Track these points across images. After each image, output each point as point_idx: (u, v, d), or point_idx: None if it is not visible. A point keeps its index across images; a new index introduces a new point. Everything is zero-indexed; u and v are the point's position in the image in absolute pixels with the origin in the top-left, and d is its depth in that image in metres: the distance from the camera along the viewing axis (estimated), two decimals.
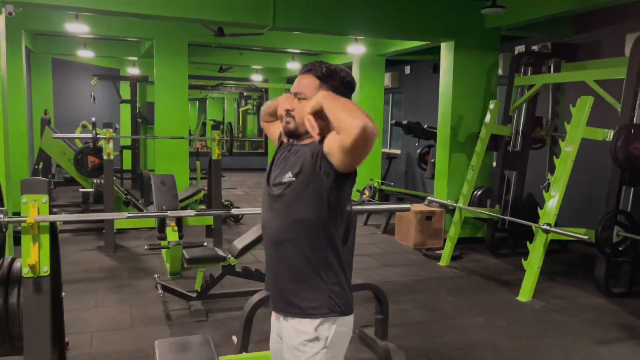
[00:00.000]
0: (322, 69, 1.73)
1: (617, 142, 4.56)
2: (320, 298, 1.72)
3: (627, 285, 4.85)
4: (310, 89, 1.71)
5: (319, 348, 1.71)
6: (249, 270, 4.48)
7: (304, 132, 1.74)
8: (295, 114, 1.74)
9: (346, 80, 1.75)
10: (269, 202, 1.80)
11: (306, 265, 1.71)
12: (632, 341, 3.87)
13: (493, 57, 6.65)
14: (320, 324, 1.71)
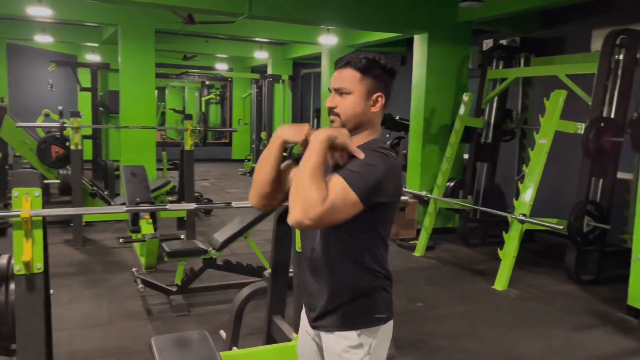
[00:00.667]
0: (362, 61, 1.64)
1: (589, 135, 4.72)
2: (364, 308, 1.69)
3: (596, 273, 5.05)
4: (353, 83, 1.64)
5: (362, 354, 1.68)
6: (231, 264, 4.42)
7: (351, 128, 1.66)
8: (340, 111, 1.66)
9: (388, 68, 1.68)
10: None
11: (351, 275, 1.67)
12: (605, 327, 4.04)
13: (465, 50, 6.74)
14: (363, 331, 1.68)
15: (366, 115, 1.67)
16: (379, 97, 1.67)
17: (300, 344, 1.94)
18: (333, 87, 1.69)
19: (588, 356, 3.54)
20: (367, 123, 1.69)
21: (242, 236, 4.40)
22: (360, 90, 1.65)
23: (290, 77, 12.42)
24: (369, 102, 1.66)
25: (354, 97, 1.65)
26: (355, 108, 1.65)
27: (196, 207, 2.27)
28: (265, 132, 12.27)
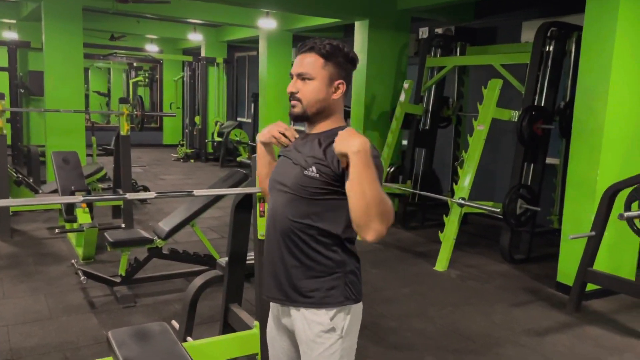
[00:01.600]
0: (325, 47, 1.65)
1: (523, 122, 4.97)
2: (336, 287, 1.69)
3: (527, 252, 5.37)
4: (316, 68, 1.65)
5: (335, 338, 1.69)
6: (177, 252, 4.32)
7: (312, 114, 1.69)
8: (302, 96, 1.67)
9: (350, 57, 1.70)
10: (280, 190, 1.73)
11: (324, 255, 1.68)
12: (539, 302, 4.32)
13: (404, 37, 6.88)
14: (335, 314, 1.69)
15: (327, 101, 1.69)
16: (340, 84, 1.69)
17: (269, 329, 1.94)
18: (295, 72, 1.69)
19: (527, 330, 3.77)
20: (329, 109, 1.71)
21: (189, 224, 4.31)
22: (323, 76, 1.66)
23: (225, 60, 12.16)
24: (331, 89, 1.68)
25: (316, 83, 1.66)
26: (317, 94, 1.67)
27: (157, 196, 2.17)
28: (200, 117, 11.99)
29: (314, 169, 1.65)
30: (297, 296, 1.72)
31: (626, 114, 4.22)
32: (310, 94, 1.66)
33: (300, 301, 1.72)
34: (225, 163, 11.35)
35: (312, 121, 1.72)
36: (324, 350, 1.70)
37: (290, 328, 1.82)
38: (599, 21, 4.14)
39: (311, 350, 1.71)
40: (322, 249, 1.68)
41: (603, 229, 3.95)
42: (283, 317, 1.83)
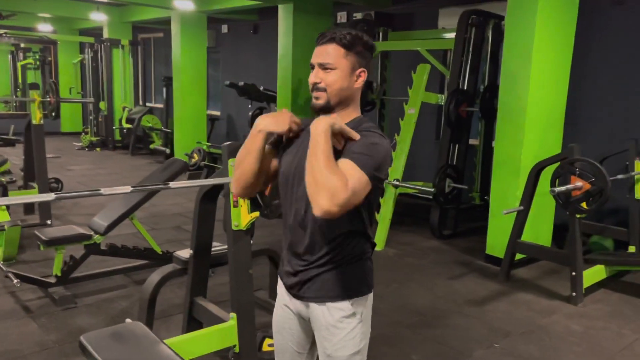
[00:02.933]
0: (346, 37, 1.64)
1: (450, 105, 5.25)
2: (356, 277, 1.72)
3: (453, 228, 5.71)
4: (338, 58, 1.64)
5: (356, 322, 1.72)
6: (117, 248, 4.11)
7: (335, 104, 1.67)
8: (326, 85, 1.65)
9: (369, 45, 1.70)
10: (297, 185, 1.70)
11: (349, 244, 1.70)
12: (473, 274, 4.63)
13: (327, 22, 6.94)
14: (355, 300, 1.72)
15: (350, 90, 1.69)
16: (362, 73, 1.70)
17: (279, 318, 1.93)
18: (317, 62, 1.67)
19: (468, 301, 4.04)
20: (350, 99, 1.71)
21: (128, 218, 4.11)
22: (345, 66, 1.66)
23: (131, 41, 11.51)
24: (353, 78, 1.68)
25: (339, 72, 1.65)
26: (341, 83, 1.66)
27: (133, 190, 2.05)
28: (105, 102, 11.29)
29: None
30: (319, 292, 1.73)
31: (545, 96, 4.60)
32: (334, 84, 1.65)
33: (323, 295, 1.73)
34: (136, 151, 10.84)
35: (333, 111, 1.69)
36: (346, 334, 1.73)
37: (304, 315, 1.82)
38: (520, 10, 4.45)
39: (332, 335, 1.73)
40: (343, 241, 1.70)
41: (530, 204, 4.31)
42: (297, 307, 1.82)
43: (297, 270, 1.75)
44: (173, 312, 3.64)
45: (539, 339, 3.47)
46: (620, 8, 5.37)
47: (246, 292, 2.62)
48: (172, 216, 6.14)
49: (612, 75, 5.48)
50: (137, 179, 8.29)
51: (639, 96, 5.29)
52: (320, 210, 1.46)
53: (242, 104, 9.67)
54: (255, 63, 9.92)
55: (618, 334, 3.57)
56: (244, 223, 2.52)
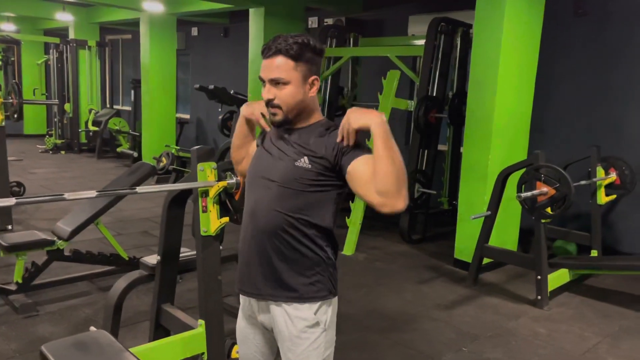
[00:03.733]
0: (293, 47, 1.59)
1: (419, 111, 5.31)
2: (321, 281, 1.70)
3: (422, 233, 5.76)
4: (288, 71, 1.61)
5: (320, 332, 1.71)
6: (81, 254, 4.00)
7: (294, 117, 1.67)
8: (281, 102, 1.63)
9: (318, 49, 1.66)
10: (265, 185, 1.70)
11: (312, 249, 1.68)
12: (441, 278, 4.68)
13: (299, 26, 6.94)
14: (319, 308, 1.70)
15: (306, 101, 1.68)
16: (315, 81, 1.68)
17: (242, 329, 1.91)
18: (267, 78, 1.64)
19: (437, 305, 4.08)
20: (308, 108, 1.70)
21: (94, 223, 4.01)
22: (297, 78, 1.63)
23: (98, 43, 11.28)
24: (306, 87, 1.66)
25: (292, 87, 1.63)
26: (295, 97, 1.64)
27: (98, 195, 2.00)
28: (70, 104, 11.03)
29: (305, 159, 1.64)
30: (280, 291, 1.71)
31: (512, 103, 4.69)
32: (288, 99, 1.63)
33: (284, 296, 1.71)
34: (102, 154, 10.61)
35: (294, 124, 1.70)
36: (310, 344, 1.71)
37: (267, 325, 1.80)
38: (488, 19, 4.54)
39: (296, 346, 1.72)
40: (310, 243, 1.69)
41: (497, 209, 4.38)
42: (260, 313, 1.81)
43: (257, 272, 1.74)
44: (139, 319, 3.56)
45: (505, 343, 3.53)
46: (582, 18, 5.54)
47: (215, 299, 2.58)
48: (139, 221, 6.03)
49: (575, 83, 5.64)
50: (103, 182, 8.11)
51: (601, 104, 5.46)
52: (405, 200, 1.52)
53: (212, 107, 9.58)
54: (226, 66, 9.85)
55: (581, 337, 3.66)
56: (213, 228, 2.49)
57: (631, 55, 5.26)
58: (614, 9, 5.34)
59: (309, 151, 1.64)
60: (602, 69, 5.45)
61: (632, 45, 5.25)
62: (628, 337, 3.67)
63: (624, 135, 5.32)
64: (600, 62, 5.46)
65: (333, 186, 1.66)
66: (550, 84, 5.56)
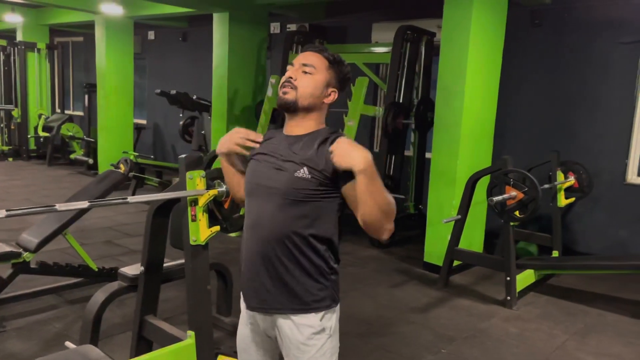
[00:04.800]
0: (333, 55, 1.72)
1: (388, 117, 5.39)
2: (326, 289, 1.71)
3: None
4: (321, 66, 1.69)
5: (325, 338, 1.72)
6: (48, 265, 3.84)
7: (302, 107, 1.67)
8: (299, 85, 1.66)
9: (348, 76, 1.76)
10: (267, 195, 1.69)
11: (316, 259, 1.69)
12: (413, 282, 4.76)
13: (263, 32, 6.92)
14: (324, 315, 1.72)
15: (319, 100, 1.71)
16: (333, 92, 1.73)
17: (244, 337, 1.89)
18: (300, 62, 1.70)
19: (412, 308, 4.15)
20: (316, 110, 1.72)
21: (62, 234, 3.86)
22: (324, 76, 1.70)
23: (48, 45, 10.85)
24: (325, 91, 1.71)
25: (317, 78, 1.69)
26: (315, 89, 1.69)
27: (90, 205, 1.93)
28: (19, 109, 10.55)
29: (305, 170, 1.64)
30: (287, 304, 1.71)
31: (478, 110, 4.84)
32: (308, 85, 1.67)
33: (290, 308, 1.71)
34: (54, 161, 10.21)
35: (295, 116, 1.70)
36: (316, 351, 1.72)
37: (270, 333, 1.80)
38: (455, 30, 4.67)
39: (303, 354, 1.72)
40: (313, 253, 1.69)
41: (467, 213, 4.50)
42: (264, 324, 1.79)
43: (263, 286, 1.73)
44: (114, 332, 3.45)
45: (481, 343, 3.63)
46: (539, 28, 5.79)
47: (204, 309, 2.54)
48: (101, 230, 5.84)
49: (533, 90, 5.88)
50: (58, 190, 7.82)
51: (557, 110, 5.72)
52: (389, 232, 1.63)
53: (170, 112, 9.41)
54: (185, 71, 9.69)
55: (550, 334, 3.80)
56: (203, 237, 2.45)
57: (584, 64, 5.53)
58: (568, 20, 5.61)
59: (309, 162, 1.65)
60: (558, 76, 5.71)
61: (584, 54, 5.53)
62: (593, 333, 3.84)
63: (579, 140, 5.58)
64: (556, 71, 5.72)
65: (334, 196, 1.67)
66: (510, 91, 5.77)
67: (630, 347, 3.64)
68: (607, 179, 5.47)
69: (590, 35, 5.49)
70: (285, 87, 1.68)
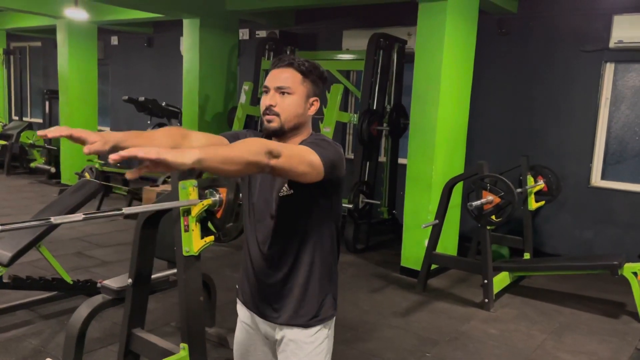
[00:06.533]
0: (304, 64, 1.66)
1: (363, 124, 5.44)
2: (327, 299, 1.76)
3: (366, 242, 5.89)
4: (295, 83, 1.64)
5: (323, 337, 1.77)
6: (21, 280, 3.69)
7: (289, 129, 1.66)
8: (280, 110, 1.63)
9: (323, 76, 1.73)
10: (262, 212, 1.72)
11: (319, 270, 1.72)
12: (392, 286, 4.81)
13: (234, 38, 6.88)
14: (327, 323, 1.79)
15: (304, 117, 1.71)
16: (315, 102, 1.73)
17: (243, 341, 1.92)
18: (274, 86, 1.67)
19: (393, 313, 4.19)
20: (303, 125, 1.72)
21: (35, 246, 3.72)
22: (302, 92, 1.67)
23: (5, 50, 10.47)
24: (307, 105, 1.70)
25: (296, 97, 1.66)
26: (297, 108, 1.67)
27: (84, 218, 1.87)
28: None
29: (285, 187, 1.67)
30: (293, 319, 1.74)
31: (452, 116, 4.94)
32: (289, 108, 1.64)
33: (296, 323, 1.75)
34: (12, 170, 9.83)
35: (285, 137, 1.69)
36: (314, 348, 1.77)
37: (269, 335, 1.83)
38: (429, 38, 4.76)
39: (300, 349, 1.76)
40: (316, 264, 1.73)
41: (444, 217, 4.58)
42: (264, 327, 1.83)
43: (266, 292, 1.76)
44: (94, 346, 3.35)
45: (463, 345, 3.69)
46: (505, 37, 5.97)
47: (197, 321, 2.50)
48: (70, 241, 5.65)
49: (501, 96, 6.05)
50: (20, 200, 7.54)
51: (524, 116, 5.90)
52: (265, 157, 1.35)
53: (134, 119, 9.22)
54: (150, 77, 9.52)
55: (528, 335, 3.91)
56: (196, 248, 2.41)
57: (549, 71, 5.74)
58: (534, 28, 5.81)
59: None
60: (525, 83, 5.90)
61: (549, 62, 5.73)
62: (569, 332, 3.97)
63: (546, 145, 5.78)
64: (523, 78, 5.91)
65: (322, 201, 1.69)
66: (479, 97, 5.92)
67: (604, 344, 3.78)
68: (572, 182, 5.67)
69: (554, 43, 5.70)
70: (267, 115, 1.65)
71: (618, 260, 4.07)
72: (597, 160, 5.65)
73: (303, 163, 1.48)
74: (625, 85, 5.52)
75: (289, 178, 1.53)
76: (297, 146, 1.57)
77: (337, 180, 1.65)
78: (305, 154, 1.50)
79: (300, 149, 1.54)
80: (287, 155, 1.42)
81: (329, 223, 1.74)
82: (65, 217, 1.93)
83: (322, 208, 1.71)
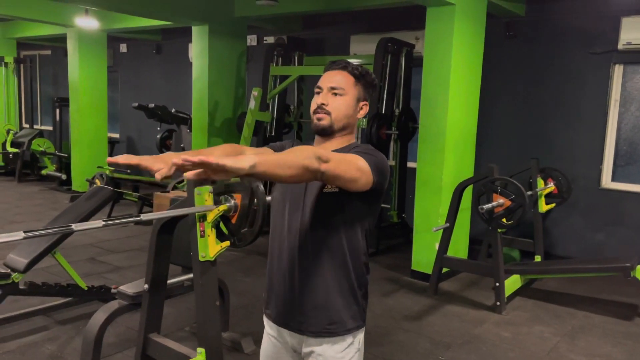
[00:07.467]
0: (357, 68, 1.72)
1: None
2: (358, 312, 1.75)
3: (376, 246, 5.90)
4: (348, 85, 1.70)
5: (354, 351, 1.76)
6: (37, 286, 3.73)
7: (338, 129, 1.70)
8: (332, 109, 1.68)
9: (374, 83, 1.78)
10: (299, 214, 1.71)
11: (351, 276, 1.72)
12: (403, 290, 4.82)
13: (242, 45, 6.92)
14: (355, 333, 1.77)
15: (353, 118, 1.75)
16: (364, 106, 1.77)
17: (270, 353, 1.90)
18: (327, 86, 1.71)
19: (405, 317, 4.20)
20: (350, 127, 1.76)
21: (50, 253, 3.76)
22: (353, 94, 1.72)
23: (16, 59, 10.58)
24: (357, 108, 1.75)
25: (347, 98, 1.71)
26: (347, 109, 1.71)
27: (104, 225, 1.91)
28: None
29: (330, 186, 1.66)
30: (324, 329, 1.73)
31: (461, 120, 4.95)
32: (340, 108, 1.69)
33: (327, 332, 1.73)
34: (23, 177, 9.93)
35: (333, 137, 1.73)
36: None
37: (297, 347, 1.81)
38: (438, 41, 4.78)
39: None
40: (348, 270, 1.72)
41: (455, 220, 4.59)
42: (292, 340, 1.81)
43: (293, 302, 1.75)
44: (110, 352, 3.39)
45: (476, 348, 3.69)
46: (513, 40, 5.98)
47: (214, 326, 2.52)
48: (83, 247, 5.70)
49: (511, 99, 6.06)
50: (31, 207, 7.61)
51: (535, 118, 5.90)
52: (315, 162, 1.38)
53: (144, 125, 9.30)
54: (159, 84, 9.59)
55: (541, 337, 3.91)
56: (213, 253, 2.44)
57: (558, 74, 5.74)
58: (542, 31, 5.81)
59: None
60: (534, 86, 5.90)
61: (558, 64, 5.73)
62: (582, 335, 3.97)
63: (556, 148, 5.77)
64: (532, 80, 5.91)
65: (361, 208, 1.70)
66: (488, 100, 5.92)
67: (618, 347, 3.77)
68: (582, 184, 5.66)
69: (563, 46, 5.70)
70: (318, 113, 1.70)
71: (630, 262, 4.06)
72: (607, 162, 5.64)
73: (352, 169, 1.53)
74: (635, 87, 5.51)
75: (339, 185, 1.56)
76: (346, 154, 1.60)
77: (381, 189, 1.68)
78: (354, 160, 1.55)
79: (348, 155, 1.58)
80: (336, 160, 1.47)
81: (362, 228, 1.73)
82: (85, 224, 1.97)
83: (360, 213, 1.71)
